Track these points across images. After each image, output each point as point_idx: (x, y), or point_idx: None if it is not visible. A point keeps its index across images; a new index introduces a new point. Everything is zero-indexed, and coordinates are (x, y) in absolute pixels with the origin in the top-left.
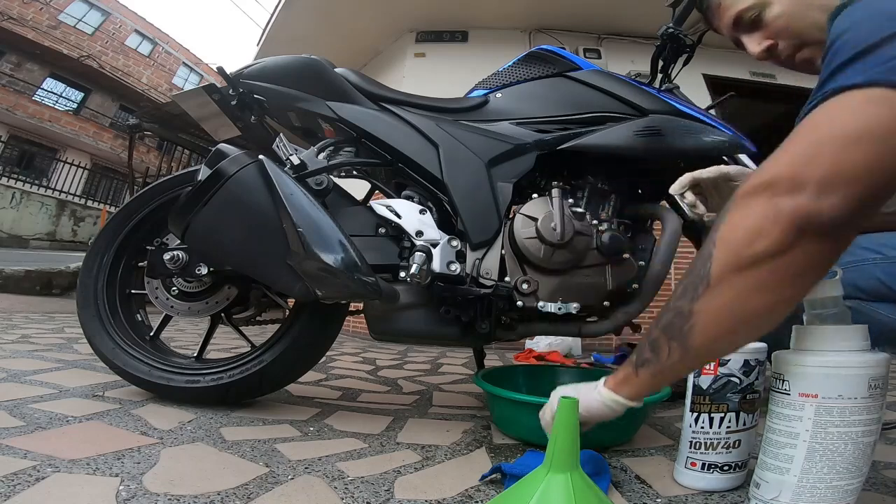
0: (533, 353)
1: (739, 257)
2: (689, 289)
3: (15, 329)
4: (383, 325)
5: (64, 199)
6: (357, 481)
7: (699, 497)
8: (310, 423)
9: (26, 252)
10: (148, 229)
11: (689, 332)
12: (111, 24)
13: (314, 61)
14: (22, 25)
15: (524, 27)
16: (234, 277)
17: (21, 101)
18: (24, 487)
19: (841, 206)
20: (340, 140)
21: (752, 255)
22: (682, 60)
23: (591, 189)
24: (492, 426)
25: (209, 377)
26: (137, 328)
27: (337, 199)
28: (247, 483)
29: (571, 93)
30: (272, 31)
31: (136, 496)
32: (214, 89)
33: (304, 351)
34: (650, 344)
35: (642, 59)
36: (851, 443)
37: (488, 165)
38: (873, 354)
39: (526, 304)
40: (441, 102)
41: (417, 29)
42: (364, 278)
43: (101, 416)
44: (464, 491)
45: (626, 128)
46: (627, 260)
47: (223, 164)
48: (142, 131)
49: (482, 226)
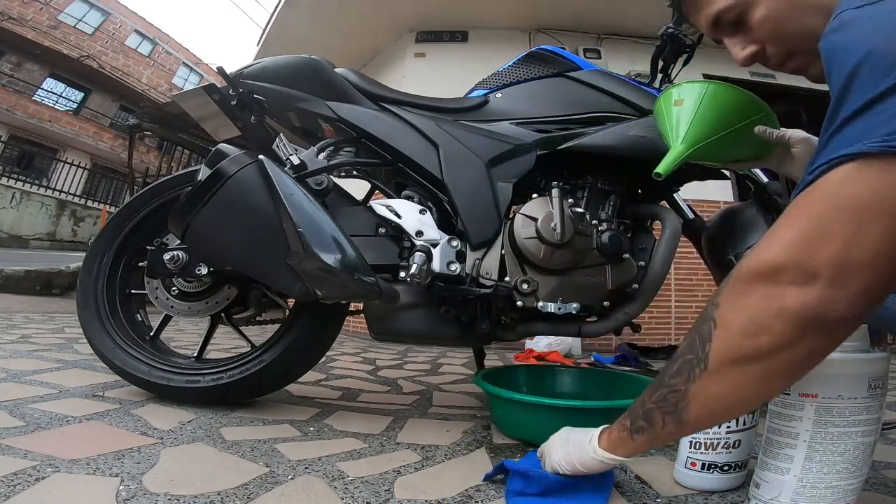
0: (533, 353)
1: (740, 349)
2: (685, 368)
3: (15, 329)
4: (383, 325)
5: (64, 199)
6: (357, 481)
7: (699, 497)
8: (310, 423)
9: (26, 252)
10: (148, 229)
11: (684, 409)
12: (111, 24)
13: (314, 61)
14: (22, 25)
15: (524, 27)
16: (234, 277)
17: (21, 101)
18: (24, 487)
19: (856, 300)
20: (340, 140)
21: (754, 350)
22: (682, 60)
23: (591, 189)
24: (492, 426)
25: (209, 377)
26: (137, 328)
27: (337, 199)
28: (247, 483)
29: (571, 93)
30: (272, 31)
31: (136, 496)
32: (214, 89)
33: (304, 351)
34: (644, 414)
35: (642, 59)
36: (851, 443)
37: (488, 165)
38: (873, 354)
39: (526, 304)
40: (441, 102)
41: (417, 29)
42: (364, 278)
43: (101, 416)
44: (464, 491)
45: (626, 128)
46: (627, 260)
47: (223, 164)
48: (142, 131)
49: (482, 226)
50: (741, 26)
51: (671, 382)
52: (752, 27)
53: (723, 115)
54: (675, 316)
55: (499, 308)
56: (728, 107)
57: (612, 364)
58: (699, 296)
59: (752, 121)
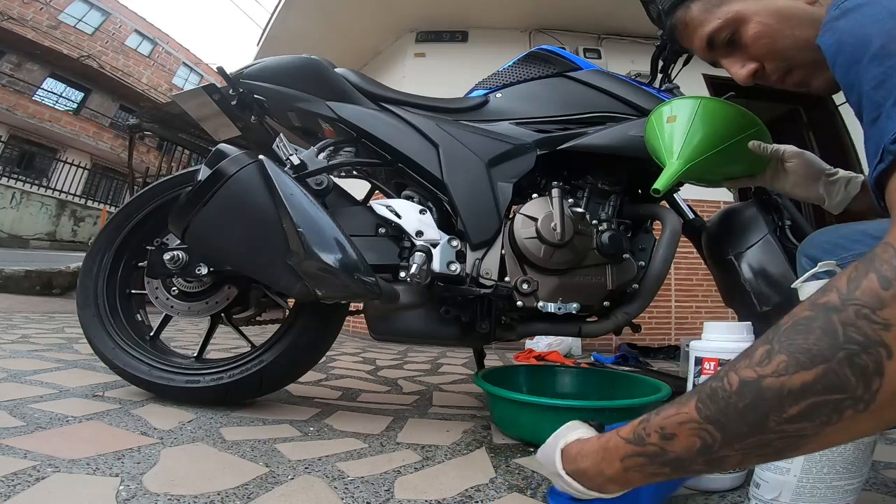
0: (533, 353)
1: None
2: (825, 411)
3: (15, 329)
4: (383, 325)
5: (64, 199)
6: (357, 481)
7: (699, 497)
8: (310, 423)
9: (26, 252)
10: (148, 229)
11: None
12: (111, 24)
13: (314, 61)
14: (22, 25)
15: (524, 27)
16: (234, 277)
17: (21, 101)
18: (24, 487)
19: None
20: (340, 140)
21: None
22: (682, 60)
23: (591, 189)
24: (492, 426)
25: (209, 377)
26: (137, 328)
27: (337, 199)
28: (247, 483)
29: (571, 93)
30: (272, 31)
31: (136, 496)
32: (214, 89)
33: (304, 351)
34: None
35: (642, 59)
36: (851, 443)
37: (488, 165)
38: None
39: (526, 304)
40: (441, 102)
41: (417, 29)
42: (364, 278)
43: (101, 416)
44: (464, 491)
45: (626, 128)
46: (627, 260)
47: (223, 164)
48: (142, 131)
49: (482, 226)
50: (736, 45)
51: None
52: (747, 44)
53: (717, 129)
54: (675, 316)
55: (499, 308)
56: (721, 121)
57: (612, 364)
58: (699, 296)
59: (746, 135)
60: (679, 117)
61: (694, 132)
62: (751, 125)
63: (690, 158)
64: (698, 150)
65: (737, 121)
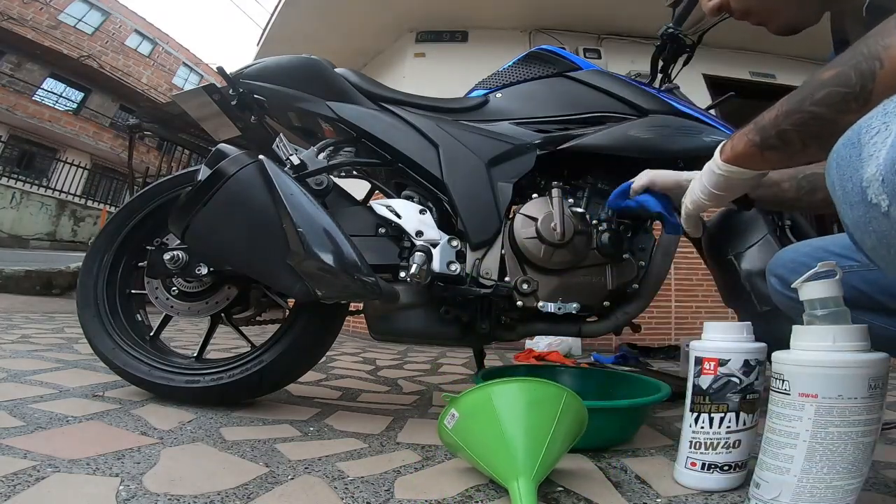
0: (533, 353)
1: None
2: (837, 100)
3: (15, 329)
4: (383, 325)
5: (64, 199)
6: (357, 481)
7: (699, 497)
8: (310, 423)
9: (26, 252)
10: (148, 229)
11: (831, 138)
12: (111, 24)
13: (314, 61)
14: (22, 25)
15: (524, 27)
16: (234, 277)
17: (21, 101)
18: (24, 487)
19: None
20: (340, 140)
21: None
22: (682, 60)
23: (591, 189)
24: None
25: (209, 377)
26: (137, 328)
27: (337, 199)
28: (247, 483)
29: (571, 93)
30: (272, 31)
31: (136, 496)
32: (214, 89)
33: (304, 351)
34: (778, 134)
35: (642, 59)
36: (851, 443)
37: (488, 165)
38: (873, 354)
39: (526, 304)
40: (441, 102)
41: (417, 29)
42: (364, 278)
43: (101, 416)
44: (464, 491)
45: (626, 128)
46: (627, 260)
47: (223, 164)
48: (142, 131)
49: (482, 226)
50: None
51: (813, 110)
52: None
53: (535, 414)
54: (675, 316)
55: (499, 308)
56: (529, 405)
57: (612, 364)
58: (699, 296)
59: (562, 409)
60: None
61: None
62: (556, 396)
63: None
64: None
65: (542, 397)
